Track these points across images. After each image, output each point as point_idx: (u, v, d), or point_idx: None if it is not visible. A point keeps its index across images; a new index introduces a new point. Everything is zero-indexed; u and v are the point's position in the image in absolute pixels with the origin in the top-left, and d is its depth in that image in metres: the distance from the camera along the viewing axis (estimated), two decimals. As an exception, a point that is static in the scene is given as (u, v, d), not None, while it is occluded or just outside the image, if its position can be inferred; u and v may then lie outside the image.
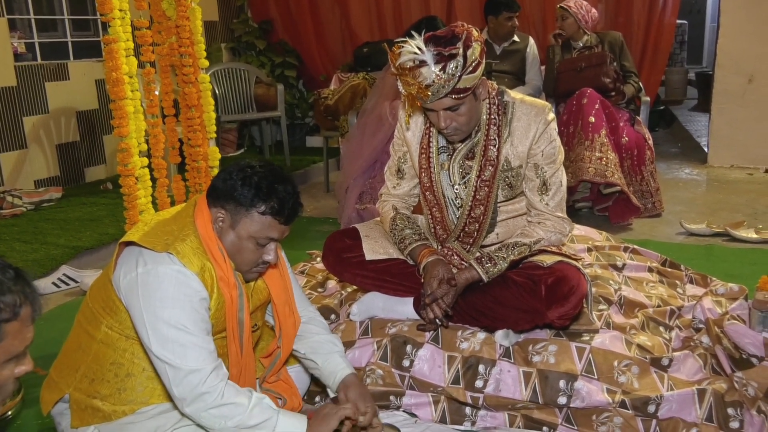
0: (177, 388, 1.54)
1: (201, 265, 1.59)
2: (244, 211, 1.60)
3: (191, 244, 1.59)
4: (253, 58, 6.57)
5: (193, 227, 1.62)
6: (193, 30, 2.83)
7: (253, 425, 1.55)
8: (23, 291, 1.10)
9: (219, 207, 1.63)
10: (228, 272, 1.63)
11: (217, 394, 1.53)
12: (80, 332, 1.70)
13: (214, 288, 1.61)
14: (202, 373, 1.53)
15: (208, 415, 1.54)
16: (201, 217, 1.64)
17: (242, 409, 1.54)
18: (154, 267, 1.55)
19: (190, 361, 1.53)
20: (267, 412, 1.57)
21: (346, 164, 3.87)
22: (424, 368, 2.06)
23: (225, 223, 1.63)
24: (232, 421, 1.54)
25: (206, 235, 1.61)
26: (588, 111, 3.94)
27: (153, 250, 1.57)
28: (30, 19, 4.96)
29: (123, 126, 2.51)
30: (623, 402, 1.89)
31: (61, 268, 3.34)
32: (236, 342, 1.68)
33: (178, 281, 1.55)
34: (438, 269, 2.08)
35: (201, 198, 1.68)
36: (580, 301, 2.02)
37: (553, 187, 2.11)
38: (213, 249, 1.61)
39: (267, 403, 1.59)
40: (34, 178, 4.88)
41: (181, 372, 1.52)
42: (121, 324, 1.63)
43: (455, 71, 1.84)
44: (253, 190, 1.59)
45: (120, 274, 1.59)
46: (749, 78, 5.35)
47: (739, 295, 2.44)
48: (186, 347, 1.53)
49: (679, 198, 4.58)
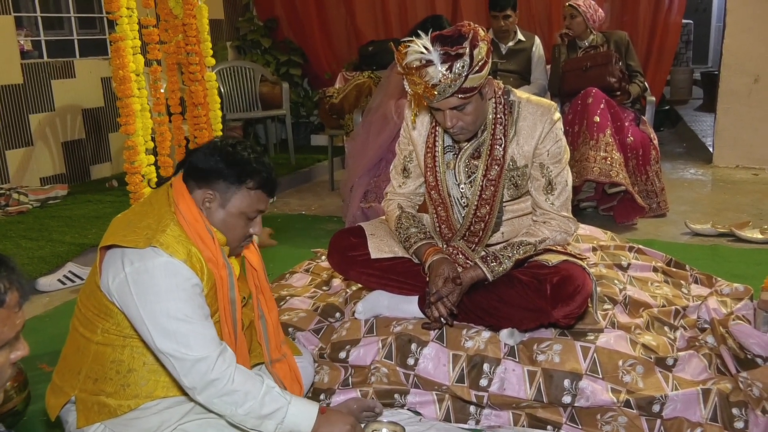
0: (186, 378, 1.54)
1: (187, 252, 1.59)
2: (235, 188, 1.64)
3: (173, 233, 1.59)
4: (259, 56, 6.58)
5: (171, 215, 1.62)
6: (199, 28, 2.84)
7: (264, 414, 1.57)
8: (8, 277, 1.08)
9: (206, 188, 1.64)
10: (216, 252, 1.64)
11: (227, 379, 1.54)
12: (77, 336, 1.69)
13: (204, 271, 1.62)
14: (209, 359, 1.54)
15: (220, 402, 1.56)
16: (183, 201, 1.63)
17: (253, 396, 1.56)
18: (142, 263, 1.55)
19: (195, 350, 1.53)
20: (278, 401, 1.59)
21: (351, 163, 3.87)
22: (429, 367, 2.06)
23: (214, 203, 1.65)
24: (243, 408, 1.56)
25: (191, 219, 1.61)
26: (593, 110, 3.93)
27: (136, 247, 1.56)
28: (36, 16, 4.97)
29: (130, 124, 2.52)
30: (628, 401, 1.89)
31: (66, 265, 3.35)
32: (229, 322, 1.69)
33: (169, 272, 1.55)
34: (443, 268, 2.09)
35: (177, 181, 1.67)
36: (585, 300, 2.02)
37: (558, 187, 2.11)
38: (200, 231, 1.61)
39: (277, 392, 1.60)
40: (40, 176, 4.89)
41: (187, 362, 1.53)
42: (117, 326, 1.63)
43: (462, 71, 1.84)
44: (240, 168, 1.63)
45: (108, 278, 1.58)
46: (755, 78, 5.34)
47: (744, 295, 2.44)
48: (188, 336, 1.54)
49: (684, 198, 4.57)
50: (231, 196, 1.64)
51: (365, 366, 2.12)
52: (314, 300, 2.61)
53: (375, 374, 2.09)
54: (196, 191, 1.65)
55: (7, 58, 4.62)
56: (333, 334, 2.29)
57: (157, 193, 1.71)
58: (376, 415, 1.94)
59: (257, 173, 1.64)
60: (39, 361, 2.42)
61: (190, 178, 1.66)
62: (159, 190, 1.72)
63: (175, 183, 1.68)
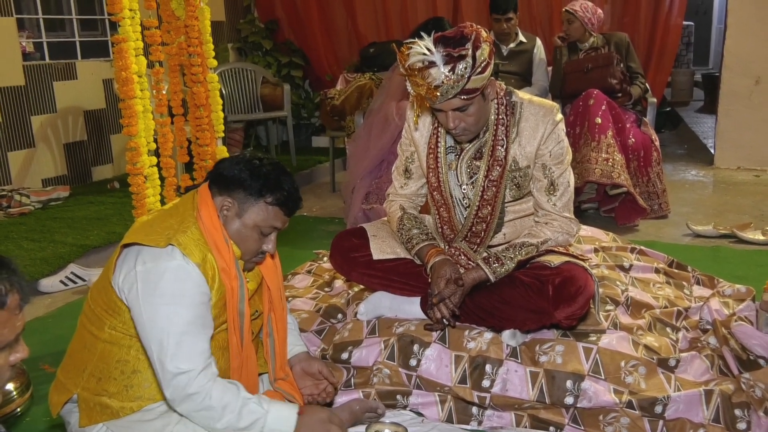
0: (167, 390, 1.56)
1: (203, 257, 1.60)
2: (253, 200, 1.65)
3: (192, 236, 1.60)
4: (260, 58, 6.58)
5: (193, 219, 1.64)
6: (201, 30, 2.84)
7: (243, 427, 1.59)
8: (9, 279, 1.08)
9: (226, 195, 1.66)
10: (230, 263, 1.65)
11: (204, 394, 1.55)
12: (84, 333, 1.70)
13: (215, 279, 1.62)
14: (191, 374, 1.54)
15: (198, 416, 1.58)
16: (206, 207, 1.65)
17: (230, 410, 1.57)
18: (154, 264, 1.56)
19: (181, 361, 1.54)
20: (256, 413, 1.60)
21: (353, 164, 3.87)
22: (431, 368, 2.06)
23: (231, 211, 1.66)
24: (221, 423, 1.57)
25: (211, 225, 1.63)
26: (594, 112, 3.94)
27: (156, 246, 1.57)
28: (38, 18, 4.98)
29: (132, 125, 2.52)
30: (630, 402, 1.89)
31: (68, 267, 3.36)
32: (237, 333, 1.70)
33: (178, 277, 1.56)
34: (445, 269, 2.09)
35: (203, 188, 1.70)
36: (588, 301, 2.02)
37: (560, 188, 2.11)
38: (217, 239, 1.63)
39: (254, 404, 1.61)
40: (41, 177, 4.90)
41: (169, 374, 1.54)
42: (124, 324, 1.63)
43: (464, 72, 1.84)
44: (262, 181, 1.64)
45: (120, 274, 1.60)
46: (756, 80, 5.34)
47: (746, 296, 2.44)
48: (179, 347, 1.54)
49: (685, 199, 4.57)
50: (248, 208, 1.65)
51: (367, 367, 2.12)
52: (316, 301, 2.61)
53: (377, 375, 2.09)
54: (217, 197, 1.67)
55: (8, 60, 4.62)
56: (335, 335, 2.29)
57: (184, 198, 1.74)
58: (378, 416, 1.94)
59: (278, 190, 1.65)
60: (41, 362, 2.43)
61: (214, 184, 1.68)
62: (186, 195, 1.75)
63: (201, 190, 1.70)
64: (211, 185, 1.69)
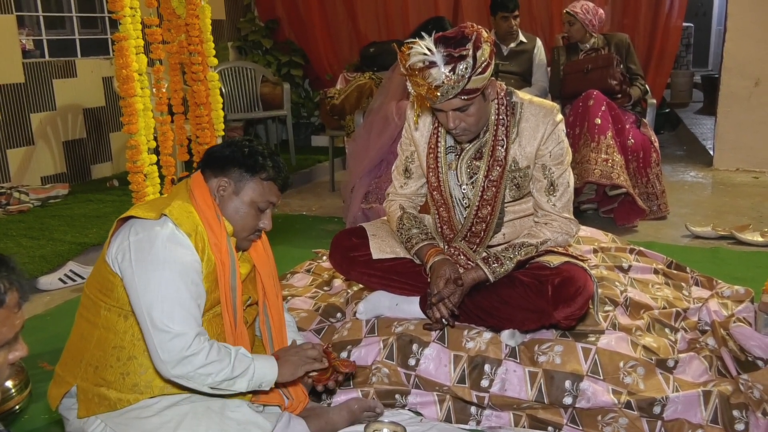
0: (162, 352, 1.56)
1: (194, 228, 1.65)
2: (249, 177, 1.73)
3: (185, 209, 1.67)
4: (260, 57, 6.58)
5: (186, 198, 1.70)
6: (202, 28, 2.85)
7: (236, 375, 1.63)
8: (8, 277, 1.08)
9: (221, 176, 1.73)
10: (222, 239, 1.69)
11: (203, 354, 1.58)
12: (82, 323, 1.73)
13: (205, 251, 1.66)
14: (187, 337, 1.57)
15: (195, 375, 1.59)
16: (198, 189, 1.72)
17: (226, 364, 1.61)
18: (146, 233, 1.61)
19: (176, 324, 1.56)
20: (245, 361, 1.65)
21: (352, 164, 3.87)
22: (430, 367, 2.06)
23: (227, 190, 1.73)
24: (220, 376, 1.60)
25: (203, 203, 1.70)
26: (594, 113, 3.94)
27: (149, 218, 1.62)
28: (38, 16, 4.98)
29: (132, 123, 2.52)
30: (629, 403, 1.90)
31: (67, 264, 3.36)
32: (230, 310, 1.72)
33: (171, 243, 1.61)
34: (445, 269, 2.09)
35: (196, 175, 1.77)
36: (587, 301, 2.03)
37: (560, 188, 2.12)
38: (209, 215, 1.69)
39: (243, 353, 1.66)
40: (40, 175, 4.89)
41: (167, 335, 1.56)
42: (118, 301, 1.66)
43: (465, 72, 1.84)
44: (256, 158, 1.73)
45: (114, 246, 1.65)
46: (755, 81, 5.35)
47: (745, 297, 2.45)
48: (173, 310, 1.57)
49: (684, 201, 4.57)
50: (244, 185, 1.73)
51: (366, 366, 2.12)
52: (315, 300, 2.61)
53: (376, 374, 2.09)
54: (212, 180, 1.74)
55: (8, 58, 4.62)
56: (334, 335, 2.29)
57: (177, 185, 1.81)
58: (377, 416, 1.95)
59: (271, 166, 1.74)
60: (40, 360, 2.43)
61: (207, 168, 1.76)
62: (180, 183, 1.81)
63: (193, 175, 1.78)
64: (205, 170, 1.76)
